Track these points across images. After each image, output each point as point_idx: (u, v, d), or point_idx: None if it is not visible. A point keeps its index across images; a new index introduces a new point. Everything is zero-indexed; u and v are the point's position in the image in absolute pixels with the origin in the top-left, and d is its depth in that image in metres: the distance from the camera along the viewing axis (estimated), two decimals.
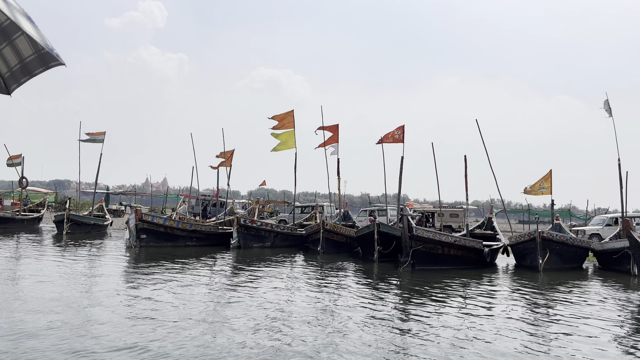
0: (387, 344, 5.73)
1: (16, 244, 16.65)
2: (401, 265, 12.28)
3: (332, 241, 17.57)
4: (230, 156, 20.60)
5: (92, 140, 23.25)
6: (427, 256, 12.43)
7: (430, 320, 6.99)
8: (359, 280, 11.01)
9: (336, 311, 7.42)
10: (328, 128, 20.12)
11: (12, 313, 6.41)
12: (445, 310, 7.83)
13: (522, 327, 6.86)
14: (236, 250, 16.83)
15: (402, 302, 8.50)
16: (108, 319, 6.32)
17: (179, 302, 7.62)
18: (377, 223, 14.37)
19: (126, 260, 13.20)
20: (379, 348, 5.54)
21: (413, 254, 12.14)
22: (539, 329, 6.75)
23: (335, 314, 7.25)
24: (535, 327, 6.90)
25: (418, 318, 7.10)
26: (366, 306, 7.92)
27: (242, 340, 5.61)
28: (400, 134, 17.93)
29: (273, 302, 7.87)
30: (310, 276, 11.33)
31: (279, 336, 5.84)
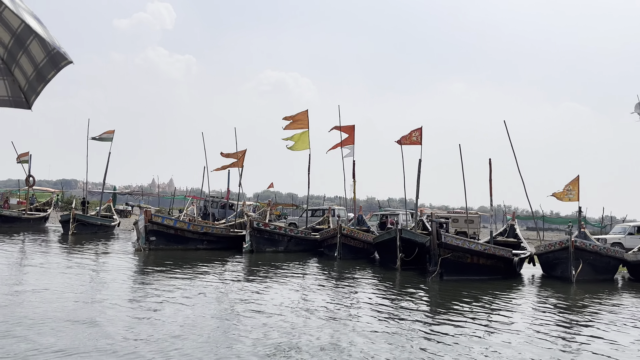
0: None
1: (20, 245, 16.08)
2: (430, 274, 11.53)
3: (348, 246, 16.88)
4: (242, 156, 19.96)
5: (101, 139, 22.77)
6: (456, 265, 11.68)
7: (464, 338, 6.26)
8: (381, 290, 10.27)
9: (359, 324, 6.74)
10: (344, 129, 19.44)
11: (13, 325, 5.78)
12: (479, 325, 7.10)
13: (565, 347, 6.12)
14: (248, 254, 16.17)
15: (431, 315, 7.77)
16: (114, 331, 5.66)
17: (189, 311, 6.97)
18: (399, 229, 13.64)
19: (135, 264, 12.56)
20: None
21: (441, 262, 11.39)
22: (582, 351, 6.01)
23: (357, 327, 6.57)
24: (578, 349, 6.15)
25: (450, 335, 6.37)
26: (391, 319, 7.21)
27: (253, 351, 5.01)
28: (418, 135, 17.22)
29: (290, 313, 7.18)
30: (328, 284, 10.62)
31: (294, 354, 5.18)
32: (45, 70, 2.19)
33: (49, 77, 2.22)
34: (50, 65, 2.16)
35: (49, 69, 2.18)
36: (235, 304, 7.81)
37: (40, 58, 2.14)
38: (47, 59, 2.14)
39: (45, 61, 2.15)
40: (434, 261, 11.54)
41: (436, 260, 11.48)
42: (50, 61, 2.14)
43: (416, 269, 13.87)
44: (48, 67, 2.17)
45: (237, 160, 19.99)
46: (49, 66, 2.17)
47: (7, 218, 24.22)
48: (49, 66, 2.17)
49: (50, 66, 2.17)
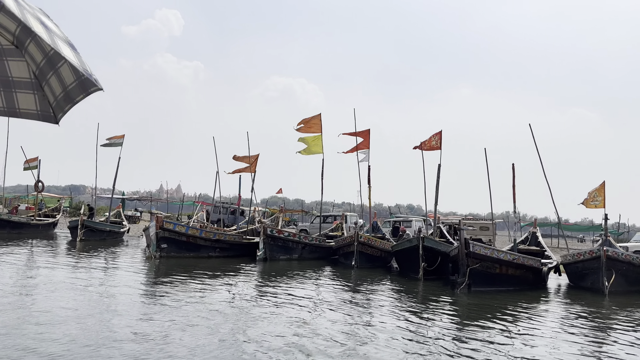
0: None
1: (27, 252, 15.68)
2: (458, 286, 10.92)
3: (365, 255, 16.31)
4: (254, 161, 19.50)
5: (111, 144, 22.49)
6: (484, 276, 11.06)
7: (502, 357, 5.70)
8: (406, 303, 9.66)
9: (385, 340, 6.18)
10: (359, 133, 18.95)
11: (22, 340, 5.30)
12: (514, 342, 6.51)
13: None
14: (262, 262, 15.65)
15: (464, 332, 7.17)
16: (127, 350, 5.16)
17: (201, 331, 6.45)
18: (422, 237, 13.05)
19: (145, 274, 12.07)
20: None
21: (470, 273, 10.78)
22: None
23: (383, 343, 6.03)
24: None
25: (486, 352, 5.79)
26: (420, 335, 6.64)
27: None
28: (438, 140, 16.68)
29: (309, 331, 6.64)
30: (348, 296, 10.02)
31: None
32: (74, 93, 2.23)
33: (77, 99, 2.26)
34: (79, 89, 2.20)
35: (78, 92, 2.22)
36: (249, 324, 7.26)
37: (70, 81, 2.17)
38: (76, 83, 2.18)
39: (74, 85, 2.19)
40: (462, 271, 10.93)
41: (464, 270, 10.88)
42: (79, 85, 2.18)
43: (439, 279, 13.26)
44: (77, 91, 2.21)
45: (250, 165, 19.53)
46: (77, 90, 2.21)
47: (15, 224, 23.95)
48: (78, 90, 2.20)
49: (79, 90, 2.21)
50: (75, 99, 2.28)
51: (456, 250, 11.94)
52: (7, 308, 7.09)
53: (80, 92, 2.24)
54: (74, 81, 2.19)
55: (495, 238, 31.21)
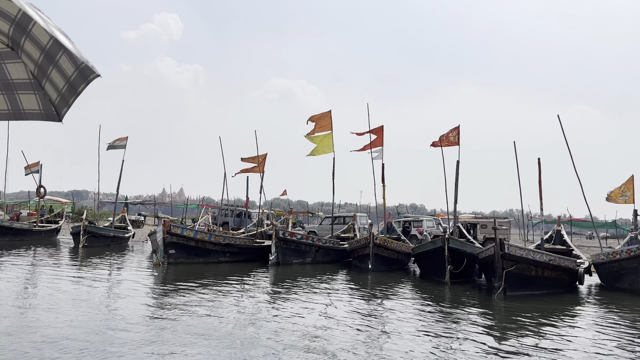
0: None
1: (27, 261, 14.91)
2: (495, 290, 10.10)
3: (381, 257, 15.50)
4: (262, 161, 18.72)
5: (115, 146, 21.77)
6: (519, 279, 10.26)
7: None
8: (433, 310, 8.86)
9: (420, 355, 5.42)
10: (372, 130, 18.17)
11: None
12: (568, 353, 5.73)
13: None
14: (275, 267, 14.86)
15: (507, 342, 6.39)
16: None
17: (213, 337, 5.70)
18: (447, 237, 12.24)
19: (153, 282, 11.30)
20: None
21: (506, 276, 9.96)
22: None
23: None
24: None
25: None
26: (458, 351, 5.86)
27: None
28: (456, 135, 15.88)
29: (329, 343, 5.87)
30: (370, 304, 9.15)
31: None
32: (76, 83, 2.24)
33: (79, 89, 2.27)
34: (80, 79, 2.21)
35: (80, 81, 2.23)
36: (264, 336, 6.47)
37: (71, 72, 2.18)
38: (77, 73, 2.18)
39: (75, 74, 2.19)
40: (499, 275, 10.11)
41: (501, 273, 10.06)
42: (80, 74, 2.19)
43: (466, 283, 12.48)
44: (79, 80, 2.22)
45: (258, 165, 18.75)
46: (79, 79, 2.22)
47: (17, 231, 23.22)
48: (80, 79, 2.22)
49: (81, 79, 2.22)
50: (78, 90, 2.26)
51: (487, 251, 11.16)
52: (8, 329, 6.32)
53: (81, 81, 2.21)
54: (75, 70, 2.16)
55: (510, 237, 30.51)
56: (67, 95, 2.30)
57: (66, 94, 2.30)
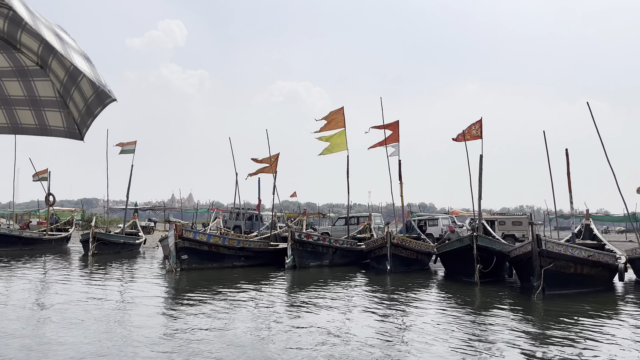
0: None
1: (36, 271, 14.44)
2: (535, 290, 9.38)
3: (399, 257, 14.83)
4: (275, 161, 18.13)
5: (124, 151, 21.34)
6: (558, 277, 9.54)
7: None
8: (466, 314, 8.17)
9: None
10: (387, 126, 17.51)
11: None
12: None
13: None
14: (291, 270, 14.25)
15: (555, 351, 5.71)
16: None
17: (233, 349, 5.10)
18: (475, 235, 11.53)
19: (165, 291, 10.73)
20: None
21: (545, 275, 9.24)
22: None
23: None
24: None
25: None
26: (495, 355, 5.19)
27: None
28: (478, 128, 15.16)
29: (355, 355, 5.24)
30: (395, 309, 8.48)
31: None
32: (93, 106, 2.30)
33: (95, 112, 2.33)
34: (97, 102, 2.26)
35: (96, 104, 2.28)
36: (284, 345, 5.86)
37: (89, 94, 2.25)
38: (94, 96, 2.24)
39: (93, 97, 2.25)
40: (537, 273, 9.39)
41: (539, 272, 9.33)
42: (97, 97, 2.24)
43: (495, 282, 11.77)
44: (95, 103, 2.28)
45: (270, 166, 18.17)
46: (96, 102, 2.27)
47: (27, 240, 22.88)
48: (96, 102, 2.27)
49: (97, 102, 2.27)
50: (95, 112, 2.33)
51: (521, 249, 10.45)
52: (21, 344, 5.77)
53: (98, 104, 2.27)
54: (92, 94, 2.23)
55: (529, 233, 29.64)
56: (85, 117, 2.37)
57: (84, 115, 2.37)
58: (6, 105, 2.50)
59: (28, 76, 2.39)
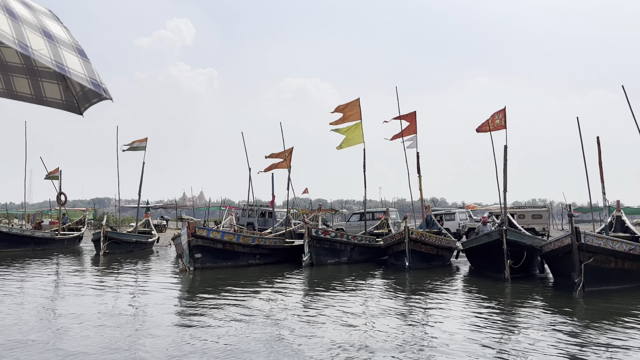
0: None
1: (47, 272, 14.11)
2: (576, 287, 8.73)
3: (418, 253, 14.21)
4: (289, 155, 17.60)
5: (134, 148, 20.99)
6: (597, 272, 8.88)
7: None
8: (498, 312, 7.56)
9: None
10: (404, 117, 16.89)
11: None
12: None
13: None
14: (308, 268, 13.73)
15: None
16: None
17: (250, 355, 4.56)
18: (504, 229, 10.87)
19: (178, 291, 10.26)
20: None
21: (585, 270, 8.58)
22: None
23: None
24: None
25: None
26: None
27: None
28: (502, 118, 14.44)
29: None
30: (418, 310, 7.92)
31: None
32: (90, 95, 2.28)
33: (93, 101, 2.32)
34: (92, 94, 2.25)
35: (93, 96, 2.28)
36: (303, 349, 5.32)
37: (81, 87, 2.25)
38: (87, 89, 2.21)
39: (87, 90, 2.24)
40: (578, 269, 8.73)
41: (580, 268, 8.67)
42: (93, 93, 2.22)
43: (526, 278, 11.12)
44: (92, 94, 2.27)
45: (285, 160, 17.64)
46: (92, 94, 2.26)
47: (39, 240, 22.71)
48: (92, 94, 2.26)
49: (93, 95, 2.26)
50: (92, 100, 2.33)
51: (556, 243, 9.78)
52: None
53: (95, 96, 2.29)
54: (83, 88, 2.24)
55: (549, 227, 28.74)
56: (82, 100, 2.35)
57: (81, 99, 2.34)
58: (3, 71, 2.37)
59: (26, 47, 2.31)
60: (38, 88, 2.40)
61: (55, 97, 2.41)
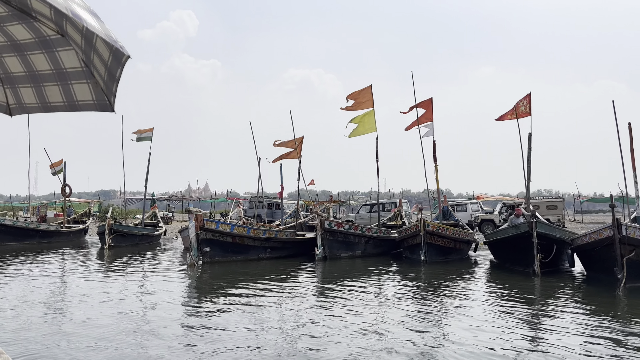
0: None
1: (50, 266, 13.61)
2: (619, 283, 8.08)
3: (435, 246, 13.58)
4: (299, 144, 16.93)
5: (141, 138, 20.39)
6: (638, 266, 8.21)
7: None
8: (530, 310, 6.94)
9: None
10: (420, 104, 16.16)
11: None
12: None
13: None
14: (322, 262, 13.14)
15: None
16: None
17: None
18: (534, 221, 10.18)
19: (187, 287, 9.69)
20: None
21: (627, 266, 7.93)
22: None
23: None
24: None
25: None
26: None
27: None
28: (527, 105, 13.63)
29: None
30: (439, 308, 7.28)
31: None
32: (113, 68, 2.09)
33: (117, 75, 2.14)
34: (116, 63, 2.05)
35: (116, 66, 2.07)
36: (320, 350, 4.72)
37: (107, 56, 2.03)
38: (112, 56, 2.02)
39: (111, 59, 2.04)
40: (620, 264, 8.07)
41: (622, 262, 8.02)
42: (114, 59, 2.03)
43: (555, 273, 10.47)
44: (115, 65, 2.06)
45: (295, 150, 16.98)
46: (115, 64, 2.06)
47: (45, 233, 22.24)
48: (115, 64, 2.05)
49: (116, 64, 2.05)
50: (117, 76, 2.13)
51: (590, 236, 9.12)
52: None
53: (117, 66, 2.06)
54: (110, 55, 2.01)
55: (565, 217, 28.02)
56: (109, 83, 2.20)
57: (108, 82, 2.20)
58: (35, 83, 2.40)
59: (51, 47, 2.24)
60: (69, 93, 2.38)
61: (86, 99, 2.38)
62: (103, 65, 2.12)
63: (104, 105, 2.37)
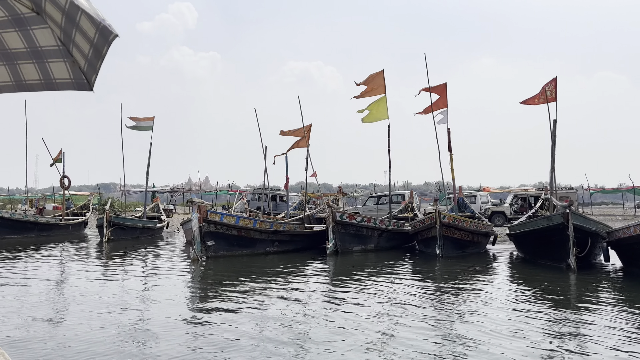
0: None
1: (45, 260, 12.86)
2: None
3: (451, 239, 12.80)
4: (307, 132, 16.09)
5: (139, 127, 19.53)
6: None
7: None
8: (573, 314, 6.17)
9: None
10: (433, 89, 15.29)
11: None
12: None
13: None
14: (333, 256, 12.37)
15: None
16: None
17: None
18: (569, 212, 9.34)
19: (189, 284, 8.94)
20: None
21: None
22: None
23: None
24: None
25: None
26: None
27: None
28: (553, 89, 12.76)
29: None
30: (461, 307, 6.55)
31: None
32: (99, 45, 2.11)
33: (103, 52, 2.15)
34: (102, 40, 2.07)
35: (102, 43, 2.09)
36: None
37: (92, 33, 2.05)
38: (98, 34, 2.04)
39: (97, 36, 2.05)
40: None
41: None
42: (101, 36, 2.05)
43: (589, 268, 9.70)
44: (101, 42, 2.09)
45: (303, 138, 16.15)
46: (101, 41, 2.08)
47: (43, 226, 21.53)
48: (102, 41, 2.08)
49: (103, 41, 2.08)
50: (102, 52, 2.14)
51: (633, 228, 8.34)
52: None
53: (104, 43, 2.08)
54: (96, 32, 2.03)
55: (578, 209, 27.19)
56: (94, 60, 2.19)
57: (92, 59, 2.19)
58: (8, 61, 2.37)
59: (25, 25, 2.22)
60: (46, 71, 2.36)
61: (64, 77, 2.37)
62: (88, 43, 2.07)
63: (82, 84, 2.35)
